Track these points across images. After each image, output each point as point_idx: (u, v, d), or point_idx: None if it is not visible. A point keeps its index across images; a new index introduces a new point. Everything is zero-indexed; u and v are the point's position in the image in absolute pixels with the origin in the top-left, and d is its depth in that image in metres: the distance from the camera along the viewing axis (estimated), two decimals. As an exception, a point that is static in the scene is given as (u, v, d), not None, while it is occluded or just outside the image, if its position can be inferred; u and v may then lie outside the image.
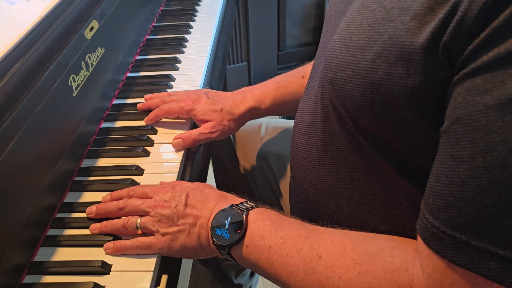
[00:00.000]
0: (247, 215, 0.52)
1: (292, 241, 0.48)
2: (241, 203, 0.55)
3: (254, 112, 0.74)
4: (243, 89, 0.77)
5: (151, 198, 0.57)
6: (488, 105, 0.33)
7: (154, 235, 0.55)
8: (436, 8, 0.35)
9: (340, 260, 0.44)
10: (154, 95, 0.78)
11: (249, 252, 0.51)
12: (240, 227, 0.51)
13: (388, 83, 0.39)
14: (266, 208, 0.54)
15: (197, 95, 0.73)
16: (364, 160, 0.47)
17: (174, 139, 0.70)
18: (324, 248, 0.46)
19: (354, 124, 0.45)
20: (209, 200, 0.56)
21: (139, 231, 0.56)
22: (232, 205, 0.54)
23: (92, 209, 0.59)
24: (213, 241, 0.53)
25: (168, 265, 0.56)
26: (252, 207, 0.54)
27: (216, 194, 0.57)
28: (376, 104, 0.41)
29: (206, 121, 0.71)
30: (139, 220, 0.56)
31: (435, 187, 0.37)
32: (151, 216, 0.55)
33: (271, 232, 0.50)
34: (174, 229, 0.54)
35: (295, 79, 0.76)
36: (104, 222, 0.57)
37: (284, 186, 0.83)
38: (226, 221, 0.52)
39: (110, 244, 0.55)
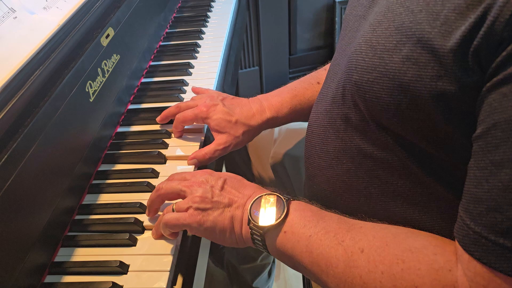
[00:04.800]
0: (289, 203, 0.52)
1: (334, 233, 0.48)
2: (282, 193, 0.54)
3: (271, 122, 0.73)
4: (259, 97, 0.75)
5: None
6: None
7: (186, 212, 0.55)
8: (467, 13, 0.36)
9: (383, 255, 0.44)
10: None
11: (286, 238, 0.50)
12: (281, 212, 0.51)
13: (416, 84, 0.40)
14: (306, 201, 0.54)
15: (213, 102, 0.71)
16: (387, 158, 0.47)
17: (189, 158, 0.69)
18: (366, 242, 0.46)
19: (377, 124, 0.46)
20: (247, 188, 0.56)
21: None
22: (273, 192, 0.54)
23: (146, 211, 0.61)
24: (249, 222, 0.52)
25: (184, 265, 0.57)
26: (294, 198, 0.53)
27: (253, 184, 0.57)
28: (404, 106, 0.41)
29: (220, 132, 0.70)
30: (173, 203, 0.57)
31: (475, 193, 0.37)
32: (186, 194, 0.56)
33: (312, 222, 0.50)
34: (208, 205, 0.54)
35: (311, 86, 0.76)
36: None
37: (299, 187, 0.83)
38: (266, 204, 0.52)
39: (153, 231, 0.59)
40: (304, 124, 0.93)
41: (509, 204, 0.34)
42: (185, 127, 0.74)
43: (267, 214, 0.51)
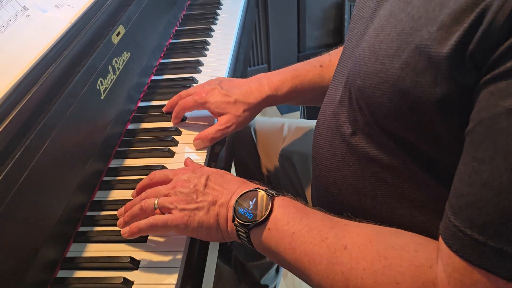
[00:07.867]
0: (273, 199, 0.52)
1: (317, 230, 0.48)
2: (266, 189, 0.54)
3: (270, 100, 0.73)
4: (259, 75, 0.75)
5: (171, 180, 0.58)
6: (510, 109, 0.33)
7: (172, 213, 0.55)
8: (462, 18, 0.36)
9: (366, 252, 0.44)
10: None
11: (270, 235, 0.51)
12: (265, 209, 0.51)
13: (415, 91, 0.40)
14: (291, 197, 0.54)
15: (210, 86, 0.72)
16: (392, 162, 0.47)
17: (194, 140, 0.71)
18: (350, 239, 0.46)
19: (381, 128, 0.46)
20: (231, 183, 0.56)
21: (157, 211, 0.55)
22: (257, 189, 0.54)
23: (121, 209, 0.60)
24: (234, 220, 0.52)
25: (193, 261, 0.58)
26: (278, 194, 0.53)
27: (237, 179, 0.57)
28: (405, 111, 0.42)
29: (221, 113, 0.71)
30: (156, 200, 0.55)
31: (458, 188, 0.38)
32: (170, 195, 0.56)
33: (296, 219, 0.50)
34: (193, 205, 0.54)
35: (313, 68, 0.76)
36: (126, 214, 0.58)
37: (307, 185, 0.83)
38: (250, 202, 0.52)
39: (126, 229, 0.56)
40: (314, 122, 0.93)
41: (486, 200, 0.35)
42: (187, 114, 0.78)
43: (251, 211, 0.51)
